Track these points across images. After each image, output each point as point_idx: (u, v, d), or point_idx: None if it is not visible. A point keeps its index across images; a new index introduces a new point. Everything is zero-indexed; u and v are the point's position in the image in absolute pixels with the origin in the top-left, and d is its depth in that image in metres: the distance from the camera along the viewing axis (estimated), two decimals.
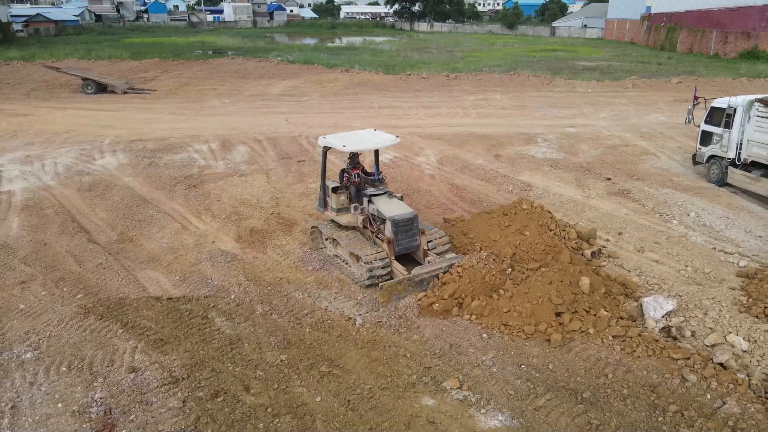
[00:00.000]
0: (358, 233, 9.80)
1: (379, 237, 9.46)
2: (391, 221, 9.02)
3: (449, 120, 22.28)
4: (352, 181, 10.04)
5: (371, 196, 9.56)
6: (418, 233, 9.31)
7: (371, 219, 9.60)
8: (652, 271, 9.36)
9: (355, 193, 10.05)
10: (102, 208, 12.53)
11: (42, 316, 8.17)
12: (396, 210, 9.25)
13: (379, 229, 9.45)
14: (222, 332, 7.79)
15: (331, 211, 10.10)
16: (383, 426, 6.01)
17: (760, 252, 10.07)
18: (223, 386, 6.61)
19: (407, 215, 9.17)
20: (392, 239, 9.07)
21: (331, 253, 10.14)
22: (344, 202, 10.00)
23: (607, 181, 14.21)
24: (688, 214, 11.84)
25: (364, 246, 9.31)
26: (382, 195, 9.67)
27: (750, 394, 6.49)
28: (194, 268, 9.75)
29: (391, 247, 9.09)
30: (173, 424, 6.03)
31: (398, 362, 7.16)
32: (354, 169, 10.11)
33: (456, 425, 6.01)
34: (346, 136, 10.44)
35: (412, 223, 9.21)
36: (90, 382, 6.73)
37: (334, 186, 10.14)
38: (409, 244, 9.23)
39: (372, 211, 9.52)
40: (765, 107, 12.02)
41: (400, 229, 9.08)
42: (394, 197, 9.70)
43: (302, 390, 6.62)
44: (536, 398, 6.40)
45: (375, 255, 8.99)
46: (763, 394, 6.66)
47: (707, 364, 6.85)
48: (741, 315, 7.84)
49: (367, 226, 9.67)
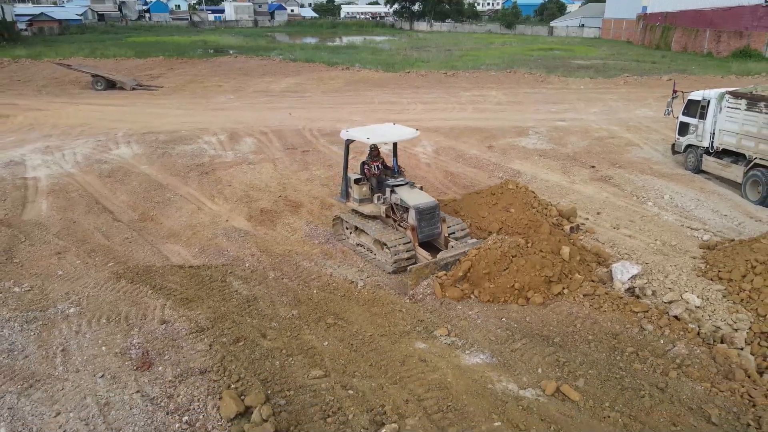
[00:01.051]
0: (380, 222, 10.26)
1: (401, 225, 9.95)
2: (415, 209, 9.49)
3: (446, 114, 23.31)
4: (372, 173, 10.52)
5: (394, 186, 10.04)
6: (439, 221, 9.79)
7: (393, 208, 10.07)
8: (624, 244, 10.40)
9: (376, 184, 10.52)
10: (122, 192, 13.55)
11: (79, 280, 9.20)
12: (419, 199, 9.73)
13: (402, 218, 9.91)
14: (239, 293, 8.82)
15: (353, 201, 10.57)
16: (381, 363, 7.04)
17: (723, 228, 11.12)
18: (243, 334, 7.63)
19: (430, 204, 9.65)
20: (416, 226, 9.52)
21: (354, 241, 10.59)
22: (366, 192, 10.47)
23: (591, 169, 15.25)
24: (662, 197, 12.88)
25: (389, 233, 9.75)
26: (403, 185, 10.15)
27: (698, 339, 7.51)
28: (211, 242, 10.78)
29: (415, 234, 9.56)
30: (202, 362, 7.03)
31: (395, 316, 8.20)
32: (374, 162, 10.62)
33: (444, 362, 7.03)
34: (368, 129, 10.88)
35: (434, 211, 9.68)
36: (127, 331, 7.74)
37: (357, 177, 10.60)
38: (432, 231, 9.71)
39: (395, 201, 9.97)
40: (734, 99, 13.04)
41: (424, 216, 9.54)
42: (415, 187, 10.20)
43: (312, 337, 7.65)
44: (513, 342, 7.43)
45: (401, 242, 9.47)
46: (711, 341, 7.71)
47: (663, 316, 7.87)
48: (698, 278, 8.87)
49: (390, 214, 10.16)
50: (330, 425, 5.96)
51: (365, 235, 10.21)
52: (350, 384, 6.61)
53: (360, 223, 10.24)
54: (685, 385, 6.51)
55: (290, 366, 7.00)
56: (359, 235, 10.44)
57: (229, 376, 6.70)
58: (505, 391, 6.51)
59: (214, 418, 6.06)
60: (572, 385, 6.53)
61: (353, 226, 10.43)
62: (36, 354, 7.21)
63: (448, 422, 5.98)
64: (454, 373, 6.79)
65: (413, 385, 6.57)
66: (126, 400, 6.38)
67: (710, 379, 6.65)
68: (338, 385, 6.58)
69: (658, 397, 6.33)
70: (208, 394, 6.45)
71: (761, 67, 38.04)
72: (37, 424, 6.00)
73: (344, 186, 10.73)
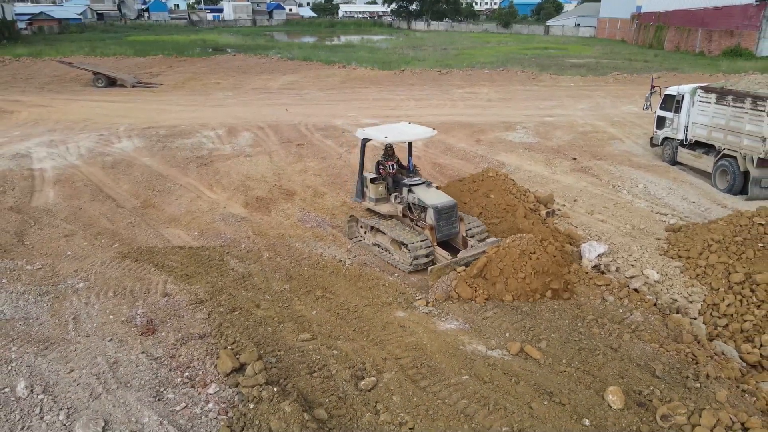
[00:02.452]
0: (397, 222, 10.18)
1: (419, 224, 9.88)
2: (433, 209, 9.45)
3: (437, 110, 24.02)
4: (388, 172, 10.50)
5: (411, 186, 10.01)
6: (457, 220, 9.79)
7: (411, 207, 10.00)
8: (596, 227, 11.13)
9: (392, 184, 10.51)
10: (125, 182, 14.24)
11: (87, 259, 9.89)
12: (437, 198, 9.71)
13: (420, 217, 9.85)
14: (236, 270, 9.52)
15: (369, 201, 10.56)
16: (364, 328, 7.75)
17: (691, 213, 11.85)
18: (239, 304, 8.34)
19: (448, 203, 9.62)
20: (434, 226, 9.49)
21: (369, 242, 10.43)
22: (382, 192, 10.45)
23: (572, 161, 15.96)
24: (637, 186, 13.61)
25: (407, 233, 9.68)
26: (420, 184, 10.13)
27: (654, 309, 8.24)
28: (209, 226, 11.48)
29: (434, 233, 9.52)
30: (201, 329, 7.73)
31: (379, 289, 8.91)
32: (389, 161, 10.61)
33: (420, 328, 7.75)
34: (385, 128, 10.84)
35: (452, 211, 9.65)
36: (132, 302, 8.44)
37: (372, 177, 10.57)
38: (450, 230, 9.68)
39: (412, 200, 9.90)
40: (705, 93, 13.76)
41: (442, 216, 9.51)
42: (432, 186, 10.19)
43: (302, 307, 8.36)
44: (485, 312, 8.14)
45: (419, 241, 9.38)
46: (667, 311, 8.43)
47: (624, 289, 8.59)
48: (659, 257, 9.60)
49: (407, 214, 10.10)
50: (315, 379, 6.67)
51: (382, 235, 10.12)
52: (335, 345, 7.32)
53: (376, 223, 10.18)
54: (636, 346, 7.23)
55: (281, 331, 7.71)
56: (375, 235, 10.33)
57: (226, 340, 7.40)
58: (474, 352, 7.23)
59: (212, 373, 6.76)
60: (535, 346, 7.24)
61: (369, 225, 10.35)
62: (50, 322, 7.90)
63: (421, 376, 6.70)
64: (429, 337, 7.51)
65: (392, 347, 7.29)
66: (133, 359, 7.08)
67: (660, 341, 7.36)
68: (324, 346, 7.30)
69: (610, 355, 7.05)
70: (207, 354, 7.15)
71: (750, 65, 38.80)
72: (53, 378, 6.69)
73: (359, 186, 10.70)
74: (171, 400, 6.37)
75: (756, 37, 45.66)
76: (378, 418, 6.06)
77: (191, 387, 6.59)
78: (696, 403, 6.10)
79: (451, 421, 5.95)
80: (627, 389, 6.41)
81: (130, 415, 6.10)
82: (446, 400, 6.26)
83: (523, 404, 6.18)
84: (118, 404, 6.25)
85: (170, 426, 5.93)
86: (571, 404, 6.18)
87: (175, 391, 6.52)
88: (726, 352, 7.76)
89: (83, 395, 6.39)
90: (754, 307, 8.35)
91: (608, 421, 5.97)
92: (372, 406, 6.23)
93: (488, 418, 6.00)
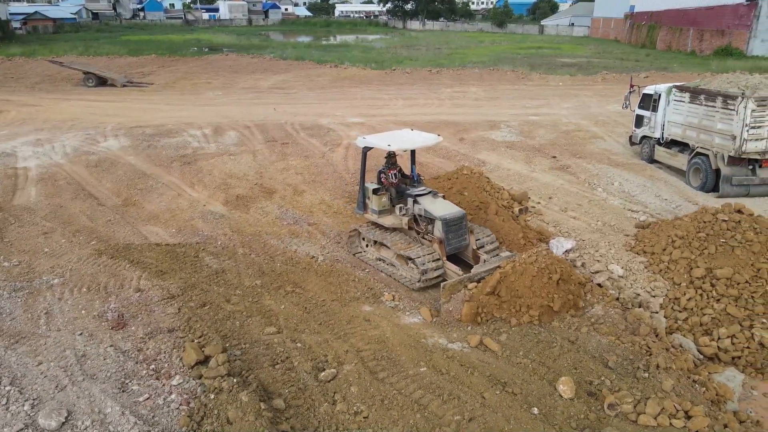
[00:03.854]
0: (402, 234, 9.61)
1: (426, 237, 9.31)
2: (441, 221, 8.89)
3: (424, 109, 24.19)
4: (390, 182, 9.95)
5: (416, 196, 9.42)
6: (467, 232, 9.23)
7: (417, 219, 9.45)
8: (568, 224, 11.31)
9: (394, 194, 9.94)
10: (108, 180, 14.38)
11: (64, 256, 10.04)
12: (445, 209, 9.14)
13: (427, 230, 9.28)
14: (209, 266, 9.69)
15: (372, 213, 9.89)
16: (330, 322, 7.93)
17: (662, 210, 12.04)
18: (209, 299, 8.50)
19: (457, 214, 9.06)
20: (443, 239, 8.94)
21: (373, 256, 9.89)
22: (385, 203, 9.83)
23: (552, 159, 16.15)
24: (612, 184, 13.80)
25: (414, 247, 9.12)
26: (426, 194, 9.55)
27: (616, 303, 8.43)
28: (188, 224, 11.64)
29: (442, 247, 8.96)
30: (171, 323, 7.90)
31: (348, 284, 9.09)
32: (391, 170, 10.05)
33: (385, 322, 7.92)
34: (387, 136, 10.27)
35: (462, 222, 9.10)
36: (105, 298, 8.60)
37: (375, 187, 9.92)
38: (459, 243, 9.12)
39: (418, 212, 9.34)
40: (680, 92, 13.95)
41: (451, 228, 8.95)
42: (438, 196, 9.59)
43: (271, 302, 8.53)
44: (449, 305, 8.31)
45: (428, 256, 8.83)
46: (629, 306, 8.62)
47: (588, 284, 8.77)
48: (626, 252, 9.79)
49: (413, 226, 9.51)
50: (277, 370, 6.85)
51: (386, 249, 9.55)
52: (299, 339, 7.50)
53: (380, 236, 9.59)
54: (593, 338, 7.41)
55: (248, 325, 7.88)
56: (379, 249, 9.79)
57: (194, 333, 7.58)
58: (436, 344, 7.41)
59: (177, 366, 6.93)
60: (495, 339, 7.43)
61: (372, 239, 9.80)
62: (22, 316, 8.06)
63: (381, 368, 6.88)
64: (392, 330, 7.69)
65: (355, 340, 7.47)
66: (101, 352, 7.24)
67: (616, 334, 7.54)
68: (288, 339, 7.47)
69: (567, 347, 7.23)
70: (174, 347, 7.32)
71: (740, 64, 38.96)
72: (21, 371, 6.85)
73: (361, 197, 10.06)
74: (135, 391, 6.53)
75: (747, 36, 45.93)
76: (335, 407, 6.24)
77: (156, 379, 6.76)
78: (643, 393, 6.29)
79: (405, 410, 6.13)
80: (579, 380, 6.59)
81: (93, 405, 6.27)
82: (402, 391, 6.44)
83: (477, 394, 6.36)
84: (82, 395, 6.41)
85: (131, 416, 6.09)
86: (523, 394, 6.36)
87: (140, 382, 6.68)
88: (684, 345, 7.95)
89: (49, 387, 6.55)
90: (713, 301, 8.53)
91: (557, 410, 6.16)
92: (330, 396, 6.41)
93: (442, 407, 6.18)
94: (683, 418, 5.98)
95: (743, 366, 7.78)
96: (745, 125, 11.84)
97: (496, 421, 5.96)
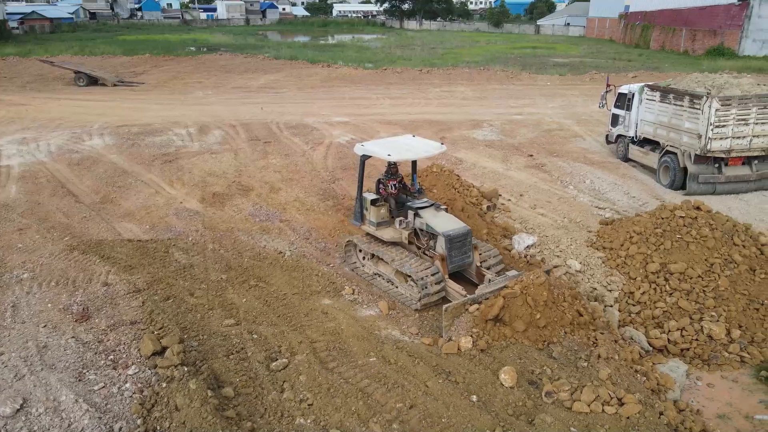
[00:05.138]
0: (401, 249, 9.13)
1: (427, 253, 8.85)
2: (445, 237, 8.40)
3: (410, 109, 24.39)
4: (390, 192, 9.47)
5: (418, 209, 8.93)
6: (471, 249, 8.74)
7: (417, 233, 8.99)
8: (534, 221, 11.52)
9: (394, 206, 9.47)
10: (88, 178, 14.59)
11: (36, 251, 10.24)
12: (448, 225, 8.66)
13: (429, 245, 8.83)
14: (178, 261, 9.89)
15: (370, 225, 9.38)
16: (288, 315, 8.15)
17: (629, 208, 12.25)
18: (174, 293, 8.71)
19: (461, 230, 8.56)
20: (446, 256, 8.45)
21: (370, 271, 9.43)
22: (384, 215, 9.32)
23: (528, 158, 16.35)
24: (584, 182, 14.01)
25: (414, 263, 8.63)
26: (428, 207, 9.00)
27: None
28: (162, 220, 11.85)
29: (445, 264, 8.47)
30: (133, 315, 8.10)
31: (311, 279, 9.29)
32: (391, 179, 9.56)
33: (342, 315, 8.14)
34: (387, 143, 9.76)
35: (466, 239, 8.61)
36: (72, 292, 8.79)
37: (373, 198, 9.38)
38: (463, 261, 8.64)
39: (419, 225, 8.88)
40: (651, 91, 14.16)
41: (455, 245, 8.47)
42: (441, 209, 9.14)
43: (234, 295, 8.75)
44: None
45: (428, 273, 8.37)
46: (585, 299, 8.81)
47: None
48: (586, 248, 9.99)
49: (413, 241, 9.05)
50: (231, 360, 7.06)
51: (384, 264, 9.10)
52: (256, 330, 7.71)
53: (378, 250, 9.09)
54: None
55: (209, 318, 8.09)
56: (377, 263, 9.32)
57: (155, 325, 7.77)
58: (388, 336, 7.62)
59: (135, 356, 7.13)
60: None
61: (369, 253, 9.35)
62: None
63: (331, 358, 7.09)
64: (348, 323, 7.90)
65: (310, 331, 7.68)
66: (62, 343, 7.44)
67: (570, 327, 7.73)
68: (246, 331, 7.68)
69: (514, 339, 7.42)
70: (134, 339, 7.52)
71: (730, 64, 39.15)
72: None
73: (359, 207, 9.56)
74: (91, 380, 6.74)
75: (738, 36, 46.10)
76: (282, 395, 6.45)
77: (113, 369, 6.96)
78: (580, 381, 6.49)
79: (349, 398, 6.34)
80: (522, 369, 6.80)
81: (48, 394, 6.47)
82: (349, 380, 6.65)
83: (420, 383, 6.56)
84: (39, 384, 6.62)
85: (84, 403, 6.29)
86: (465, 383, 6.57)
87: (97, 372, 6.88)
88: (634, 337, 8.16)
89: (8, 376, 6.75)
90: (666, 295, 8.74)
91: (497, 398, 6.36)
92: (279, 385, 6.62)
93: (385, 395, 6.39)
94: (616, 405, 6.17)
95: (690, 358, 8.00)
96: (710, 124, 12.04)
97: (436, 408, 6.16)
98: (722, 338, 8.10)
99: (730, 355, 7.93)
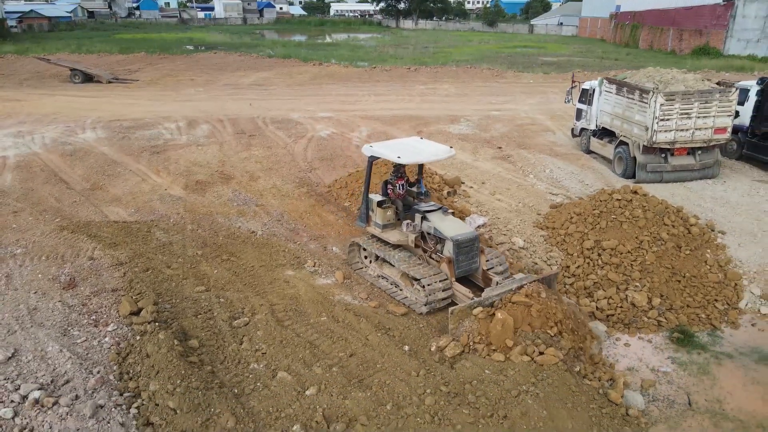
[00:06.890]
0: (407, 251, 9.13)
1: (433, 257, 8.86)
2: (453, 242, 8.43)
3: (393, 105, 25.31)
4: (397, 194, 9.44)
5: (425, 212, 8.94)
6: (478, 254, 8.76)
7: (424, 236, 8.99)
8: (490, 205, 12.45)
9: (401, 208, 9.46)
10: (80, 168, 15.51)
11: (29, 231, 11.16)
12: (456, 229, 8.69)
13: (436, 249, 8.84)
14: (159, 240, 10.82)
15: (375, 227, 9.33)
16: (253, 283, 9.07)
17: (581, 194, 13.17)
18: (152, 266, 9.63)
19: (469, 235, 8.60)
20: (453, 260, 8.50)
21: (375, 273, 9.45)
22: (391, 217, 9.28)
23: (497, 150, 17.28)
24: (544, 171, 14.94)
25: (420, 267, 8.63)
26: (436, 211, 9.04)
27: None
28: (146, 204, 12.77)
29: (452, 268, 8.50)
30: (115, 284, 9.03)
31: (278, 254, 10.23)
32: (398, 180, 9.55)
33: (302, 283, 9.07)
34: (396, 145, 9.71)
35: (474, 244, 8.65)
36: (61, 264, 9.71)
37: (380, 200, 9.32)
38: (470, 266, 8.69)
39: (427, 229, 8.88)
40: (608, 84, 15.09)
41: (462, 250, 8.49)
42: (448, 213, 9.22)
43: (207, 268, 9.67)
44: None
45: (435, 278, 8.38)
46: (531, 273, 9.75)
47: None
48: (532, 228, 10.92)
49: (420, 244, 9.04)
50: (199, 319, 7.99)
51: (390, 267, 9.12)
52: (223, 296, 8.63)
53: (383, 253, 9.07)
54: None
55: (182, 286, 9.02)
56: (382, 266, 9.34)
57: (133, 291, 8.70)
58: (341, 301, 8.56)
59: (114, 316, 8.05)
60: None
61: (374, 255, 9.35)
62: None
63: (287, 318, 8.02)
64: (306, 290, 8.83)
65: (271, 296, 8.61)
66: (50, 306, 8.36)
67: None
68: (214, 296, 8.61)
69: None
70: (114, 303, 8.44)
71: (713, 63, 40.13)
72: None
73: (365, 209, 9.50)
74: (75, 336, 7.66)
75: (723, 36, 47.03)
76: (241, 346, 7.37)
77: (94, 326, 7.89)
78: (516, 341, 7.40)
79: (298, 348, 7.27)
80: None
81: (37, 345, 7.39)
82: (301, 335, 7.58)
83: (362, 337, 7.50)
84: (29, 338, 7.54)
85: (68, 352, 7.22)
86: (401, 337, 7.50)
87: (80, 329, 7.81)
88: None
89: (1, 332, 7.68)
90: (598, 268, 9.68)
91: (426, 348, 7.28)
92: (239, 338, 7.55)
93: (330, 346, 7.32)
94: (535, 355, 7.09)
95: (614, 322, 8.92)
96: (655, 118, 12.96)
97: (373, 356, 7.10)
98: (644, 305, 9.03)
99: (648, 320, 8.86)
